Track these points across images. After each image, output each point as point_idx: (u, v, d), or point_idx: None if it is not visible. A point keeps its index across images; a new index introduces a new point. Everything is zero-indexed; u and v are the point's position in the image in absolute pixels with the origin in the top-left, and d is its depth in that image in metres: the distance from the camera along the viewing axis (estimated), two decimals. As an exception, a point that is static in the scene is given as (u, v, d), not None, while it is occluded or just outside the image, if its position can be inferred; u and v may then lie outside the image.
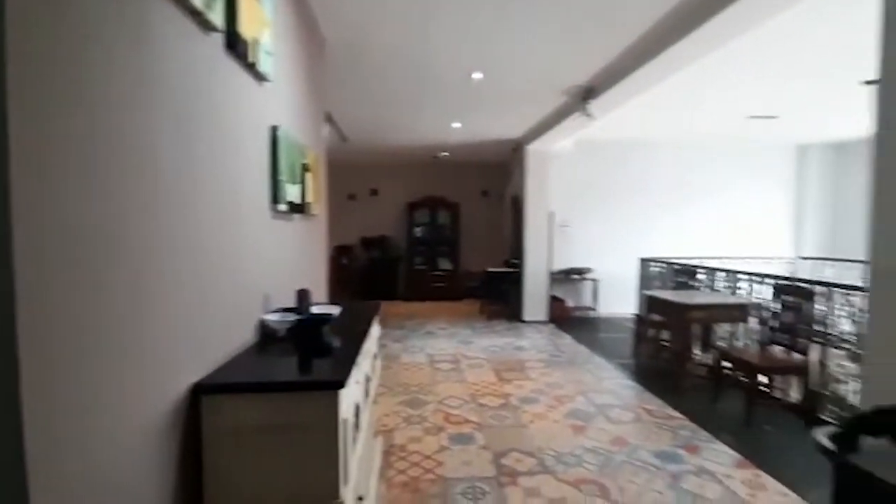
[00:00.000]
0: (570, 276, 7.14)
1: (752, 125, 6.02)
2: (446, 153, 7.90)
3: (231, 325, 1.48)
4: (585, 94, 4.21)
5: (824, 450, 1.22)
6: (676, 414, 3.39)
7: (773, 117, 5.61)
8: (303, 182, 2.23)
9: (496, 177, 9.01)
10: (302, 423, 1.22)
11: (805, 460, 2.65)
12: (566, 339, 5.72)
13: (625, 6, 2.71)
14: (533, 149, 6.55)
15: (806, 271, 6.73)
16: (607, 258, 7.28)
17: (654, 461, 2.71)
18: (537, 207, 6.69)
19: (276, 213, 1.92)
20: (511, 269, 7.29)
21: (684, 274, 4.85)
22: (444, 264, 8.81)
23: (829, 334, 3.32)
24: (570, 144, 6.80)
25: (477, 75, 3.95)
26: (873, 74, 1.59)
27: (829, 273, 6.42)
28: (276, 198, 1.85)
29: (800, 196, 7.60)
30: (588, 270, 7.13)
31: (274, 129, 1.85)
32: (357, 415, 1.48)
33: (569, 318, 6.89)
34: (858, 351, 3.07)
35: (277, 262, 1.97)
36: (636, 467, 2.64)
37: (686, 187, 7.38)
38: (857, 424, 1.16)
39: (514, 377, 4.22)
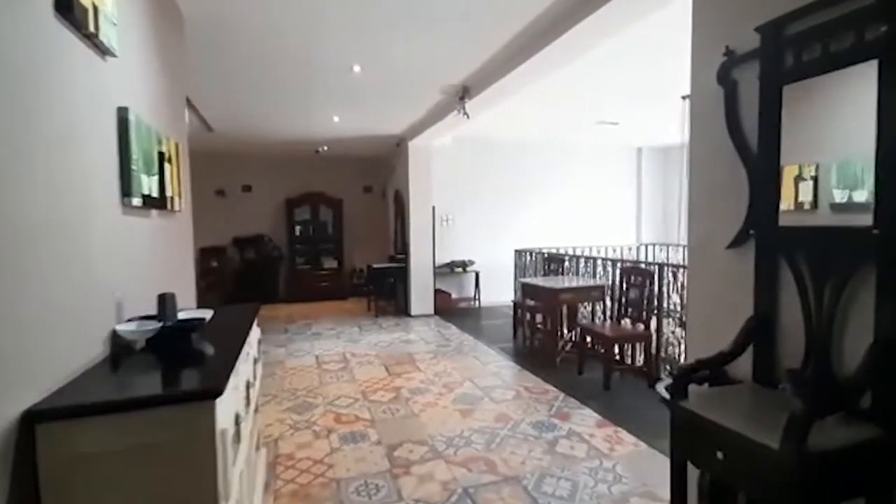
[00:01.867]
0: (453, 269, 7.41)
1: (600, 130, 6.85)
2: (326, 147, 7.64)
3: (74, 339, 1.27)
4: (461, 94, 4.40)
5: (663, 399, 1.45)
6: (550, 387, 3.75)
7: (614, 123, 6.45)
8: (160, 173, 1.98)
9: (379, 172, 8.97)
10: (171, 440, 1.11)
11: (652, 413, 3.13)
12: (452, 330, 5.95)
13: (493, 7, 2.88)
14: (415, 144, 6.66)
15: (647, 255, 7.87)
16: (487, 250, 7.71)
17: (533, 432, 2.97)
18: (420, 202, 6.81)
19: (129, 208, 1.68)
20: (396, 264, 7.33)
21: (553, 261, 5.36)
22: (329, 262, 8.53)
23: (664, 307, 3.95)
24: (449, 140, 7.04)
25: (357, 68, 3.88)
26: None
27: (662, 256, 7.62)
28: (127, 190, 1.63)
29: (639, 191, 8.85)
30: (470, 263, 7.48)
31: (123, 111, 1.62)
32: (237, 424, 1.38)
33: (454, 310, 7.15)
34: (683, 318, 3.71)
35: (133, 265, 1.74)
36: (518, 440, 2.87)
37: (552, 183, 8.14)
38: (684, 376, 1.41)
39: (403, 370, 4.27)
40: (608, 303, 4.51)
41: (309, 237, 8.49)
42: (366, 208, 9.02)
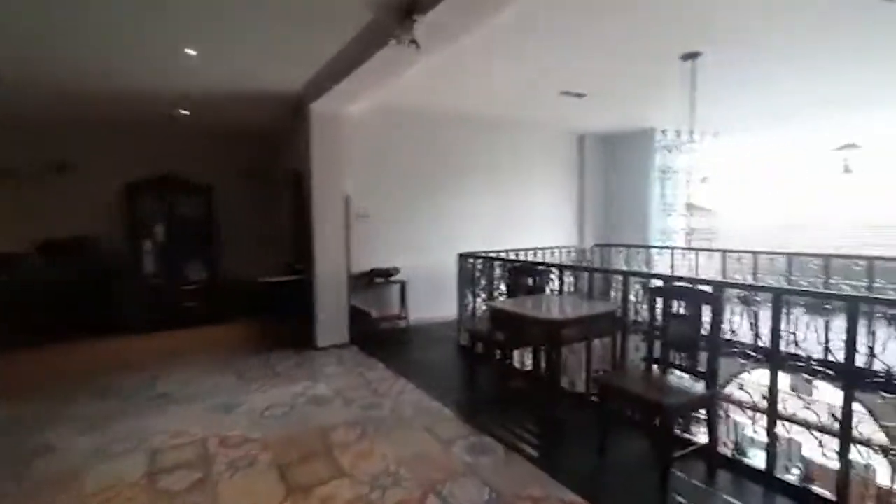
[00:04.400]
0: (373, 280, 5.63)
1: (558, 105, 5.55)
2: (187, 112, 5.34)
3: None
4: (408, 7, 2.68)
5: None
6: (574, 498, 2.22)
7: (581, 95, 5.19)
8: None
9: (267, 149, 6.82)
10: None
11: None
12: (378, 371, 4.19)
13: None
14: (320, 110, 4.74)
15: (602, 259, 6.80)
16: (415, 254, 6.05)
17: None
18: (329, 191, 4.92)
19: None
20: (296, 277, 5.34)
21: (523, 273, 3.87)
22: (196, 274, 6.20)
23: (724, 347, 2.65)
24: (369, 109, 5.24)
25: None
26: None
27: (619, 259, 6.62)
28: None
29: (581, 185, 7.81)
30: (395, 271, 5.74)
31: None
32: None
33: (375, 335, 5.38)
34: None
35: None
36: None
37: (498, 172, 6.71)
38: None
39: (313, 477, 2.44)
40: (622, 339, 3.12)
41: (165, 238, 6.06)
42: (249, 199, 6.80)
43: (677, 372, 2.57)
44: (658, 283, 2.82)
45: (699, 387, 2.44)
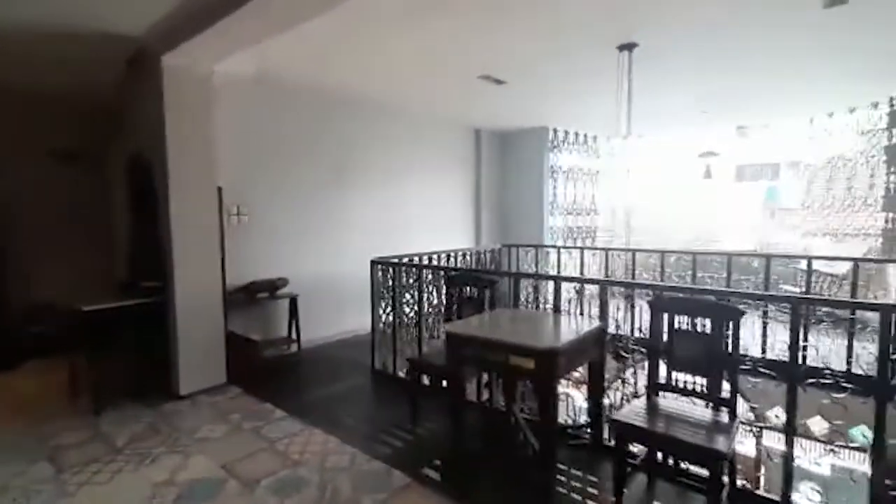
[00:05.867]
0: (254, 296, 4.39)
1: (475, 92, 5.02)
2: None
3: None
4: None
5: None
6: None
7: (500, 82, 4.73)
8: None
9: (88, 122, 4.99)
10: None
11: None
12: (279, 422, 3.10)
13: None
14: (177, 65, 3.40)
15: (512, 261, 6.47)
16: (308, 261, 4.95)
17: None
18: (194, 182, 3.58)
19: None
20: (142, 300, 3.84)
21: (469, 282, 3.18)
22: (-36, 300, 4.16)
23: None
24: (251, 73, 4.04)
25: None
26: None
27: (524, 259, 6.38)
28: None
29: (477, 182, 7.46)
30: (282, 283, 4.57)
31: None
32: None
33: (261, 368, 4.18)
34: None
35: None
36: None
37: (394, 164, 5.90)
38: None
39: None
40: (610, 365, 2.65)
41: None
42: (60, 192, 4.88)
43: (683, 400, 2.17)
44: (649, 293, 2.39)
45: (724, 417, 2.05)
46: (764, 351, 4.25)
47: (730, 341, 2.10)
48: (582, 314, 4.19)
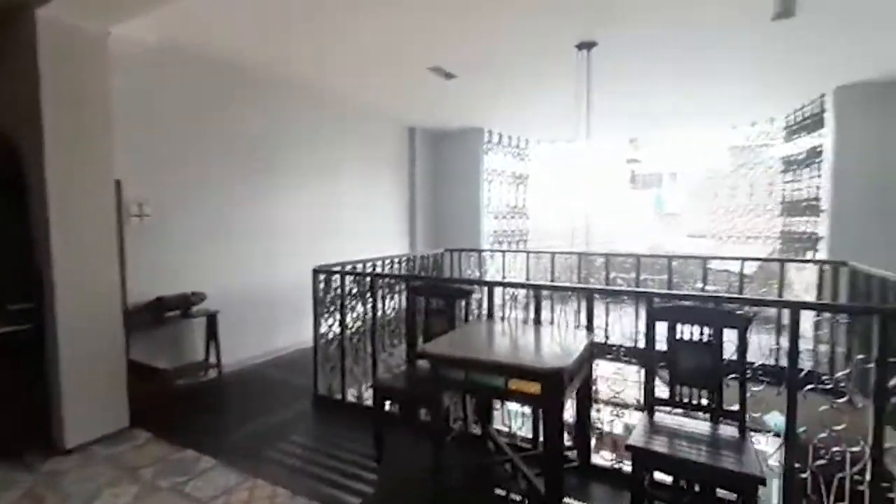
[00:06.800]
0: (161, 315, 3.63)
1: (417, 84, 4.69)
2: None
3: None
4: None
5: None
6: None
7: (451, 76, 4.45)
8: None
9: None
10: None
11: None
12: (208, 473, 2.50)
13: None
14: (58, 18, 2.63)
15: (451, 266, 6.19)
16: (230, 270, 4.25)
17: None
18: (82, 170, 2.81)
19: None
20: (4, 330, 2.94)
21: (437, 293, 2.83)
22: None
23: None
24: (157, 48, 3.33)
25: None
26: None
27: (468, 263, 6.15)
28: None
29: (412, 184, 7.12)
30: (198, 298, 3.85)
31: None
32: None
33: (175, 402, 3.45)
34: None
35: None
36: None
37: (326, 160, 5.35)
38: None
39: None
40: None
41: None
42: None
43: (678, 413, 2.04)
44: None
45: (731, 432, 1.95)
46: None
47: (736, 350, 2.00)
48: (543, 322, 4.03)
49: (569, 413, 2.70)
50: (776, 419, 2.98)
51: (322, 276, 3.57)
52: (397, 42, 3.60)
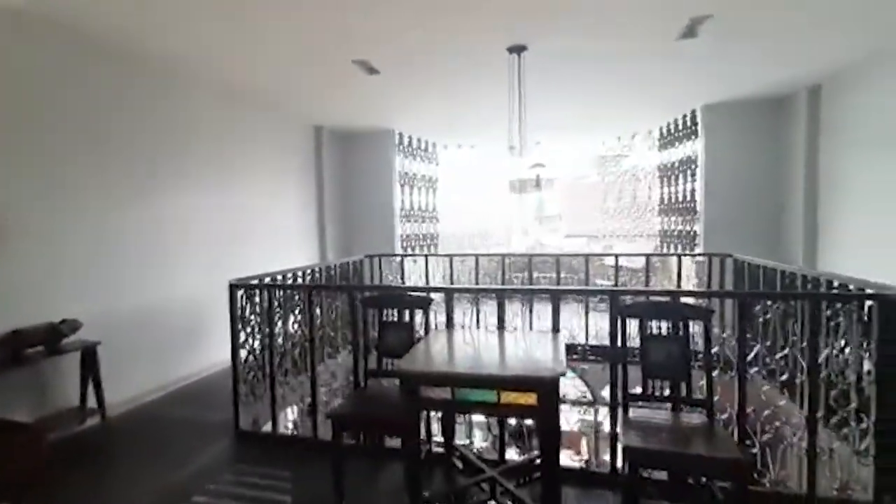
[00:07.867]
0: (20, 353, 2.82)
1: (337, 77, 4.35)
2: None
3: None
4: None
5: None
6: None
7: (375, 71, 4.19)
8: None
9: None
10: None
11: None
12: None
13: None
14: None
15: (372, 273, 5.87)
16: (114, 290, 3.48)
17: None
18: None
19: None
20: None
21: (392, 304, 2.58)
22: None
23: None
24: (20, 2, 2.58)
25: None
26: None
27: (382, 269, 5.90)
28: None
29: (320, 188, 6.64)
30: (70, 328, 3.07)
31: None
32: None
33: (46, 464, 2.68)
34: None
35: None
36: None
37: (227, 160, 4.70)
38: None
39: None
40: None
41: None
42: None
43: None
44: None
45: (700, 419, 2.07)
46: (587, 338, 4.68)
47: (701, 341, 2.13)
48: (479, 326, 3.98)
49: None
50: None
51: (241, 292, 3.09)
52: (327, 31, 3.26)
